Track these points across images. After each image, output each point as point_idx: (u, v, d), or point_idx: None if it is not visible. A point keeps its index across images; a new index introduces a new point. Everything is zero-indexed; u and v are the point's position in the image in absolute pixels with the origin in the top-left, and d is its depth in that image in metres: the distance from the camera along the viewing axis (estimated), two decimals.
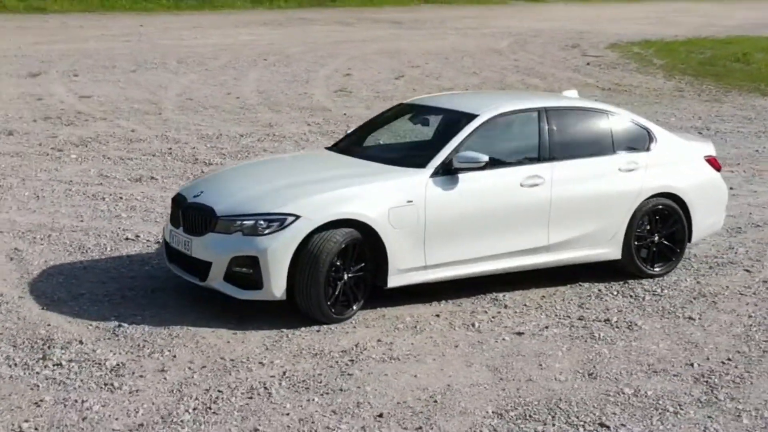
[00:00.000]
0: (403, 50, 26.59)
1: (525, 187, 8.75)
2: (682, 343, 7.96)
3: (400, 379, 7.14)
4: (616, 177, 9.21)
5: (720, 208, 9.95)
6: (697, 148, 9.92)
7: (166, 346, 7.62)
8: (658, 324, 8.37)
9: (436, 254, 8.42)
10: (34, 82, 20.18)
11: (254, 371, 7.23)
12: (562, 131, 9.14)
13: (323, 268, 7.91)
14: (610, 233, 9.20)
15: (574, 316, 8.49)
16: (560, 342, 7.92)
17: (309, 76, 21.98)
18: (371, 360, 7.47)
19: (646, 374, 7.35)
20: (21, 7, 32.45)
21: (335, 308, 8.10)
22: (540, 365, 7.46)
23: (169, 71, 22.02)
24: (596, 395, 6.95)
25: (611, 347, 7.84)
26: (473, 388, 7.02)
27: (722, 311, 8.72)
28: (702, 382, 7.25)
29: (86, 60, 23.14)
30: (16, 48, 24.78)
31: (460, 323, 8.26)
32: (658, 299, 8.99)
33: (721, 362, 7.61)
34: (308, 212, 7.95)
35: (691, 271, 9.82)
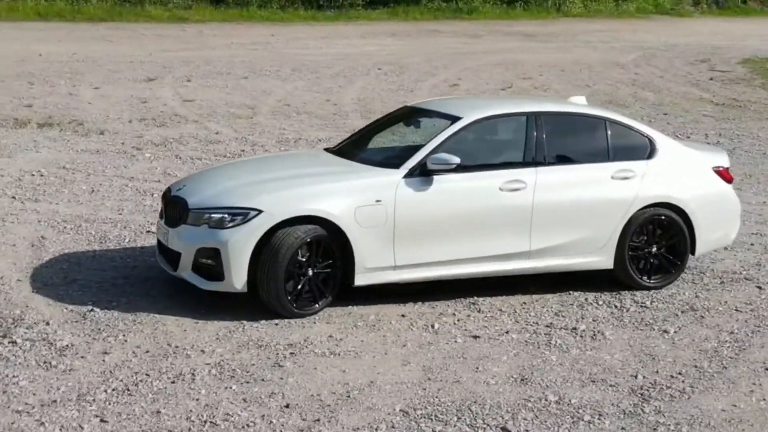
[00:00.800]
0: (522, 62, 26.42)
1: (505, 192, 8.66)
2: (639, 356, 7.74)
3: (327, 374, 7.21)
4: (608, 185, 9.00)
5: (730, 221, 9.58)
6: (706, 158, 9.59)
7: (123, 331, 7.91)
8: (626, 335, 8.16)
9: (406, 255, 8.44)
10: (147, 86, 21.02)
11: (192, 358, 7.43)
12: (553, 137, 9.01)
13: (283, 262, 8.05)
14: (601, 242, 9.00)
15: (542, 323, 8.36)
16: (512, 347, 7.82)
17: (415, 86, 22.11)
18: (312, 354, 7.57)
19: (582, 383, 7.19)
20: (165, 17, 33.82)
21: (297, 303, 8.22)
22: (477, 368, 7.40)
23: (279, 78, 22.56)
24: (515, 400, 6.85)
25: (562, 355, 7.69)
26: (395, 386, 7.03)
27: (704, 326, 8.42)
28: (637, 394, 7.05)
29: (205, 66, 23.93)
30: (146, 55, 25.84)
31: (422, 324, 8.25)
32: (642, 311, 8.75)
33: (670, 376, 7.37)
34: (270, 207, 8.12)
35: (698, 284, 9.50)
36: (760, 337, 8.21)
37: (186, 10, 34.39)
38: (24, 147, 15.08)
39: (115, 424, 6.33)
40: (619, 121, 9.36)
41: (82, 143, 15.54)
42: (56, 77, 21.65)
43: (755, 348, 7.95)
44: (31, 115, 17.58)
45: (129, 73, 22.70)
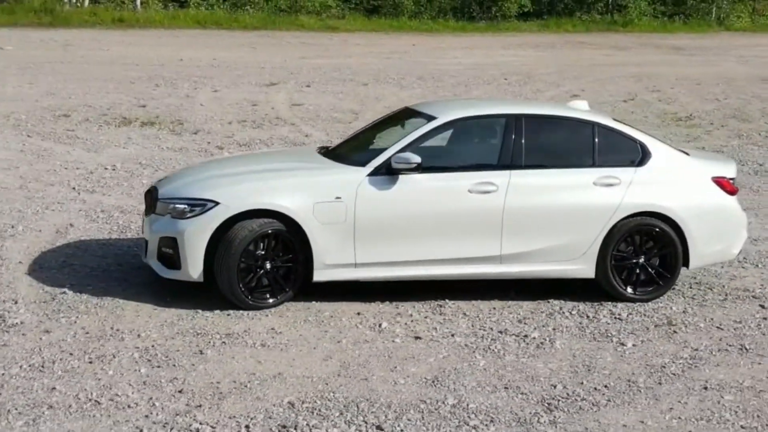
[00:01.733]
0: (659, 75, 25.66)
1: (474, 193, 8.50)
2: (576, 366, 7.45)
3: (241, 364, 7.27)
4: (589, 191, 8.69)
5: (731, 234, 9.07)
6: (705, 168, 9.10)
7: (80, 312, 8.20)
8: (577, 346, 7.86)
9: (367, 253, 8.41)
10: (265, 90, 21.58)
11: (124, 341, 7.63)
12: (534, 140, 8.77)
13: (236, 254, 8.17)
14: (581, 249, 8.69)
15: (498, 329, 8.16)
16: (446, 350, 7.67)
17: (536, 95, 21.87)
18: (241, 345, 7.64)
19: (493, 390, 6.98)
20: (317, 26, 34.58)
21: (252, 295, 8.31)
22: (394, 368, 7.30)
23: (399, 86, 22.72)
24: (411, 401, 6.73)
25: (492, 361, 7.49)
26: (299, 380, 7.02)
27: (670, 342, 8.02)
28: (545, 403, 6.79)
29: (332, 73, 24.35)
30: (281, 61, 26.52)
31: (371, 323, 8.19)
32: (613, 323, 8.41)
33: (594, 388, 7.07)
34: (227, 200, 8.26)
35: (695, 299, 9.06)
36: (724, 356, 7.75)
37: (339, 20, 35.03)
38: (115, 143, 15.76)
39: (6, 396, 6.57)
40: (610, 126, 9.00)
41: (171, 141, 16.11)
42: (183, 80, 22.50)
43: (708, 366, 7.51)
44: (141, 114, 18.35)
45: (255, 78, 23.34)
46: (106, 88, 21.08)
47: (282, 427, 6.29)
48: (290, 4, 35.80)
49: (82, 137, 16.15)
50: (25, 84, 21.34)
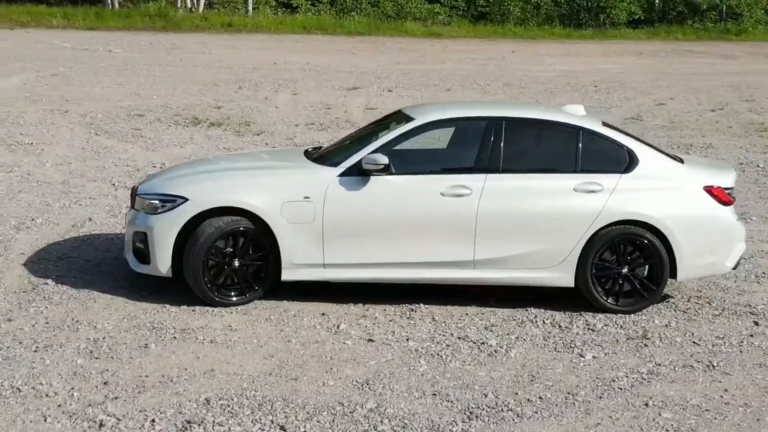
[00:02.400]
0: (759, 84, 24.74)
1: (447, 197, 8.33)
2: (520, 376, 7.22)
3: (178, 359, 7.29)
4: (569, 197, 8.42)
5: (723, 245, 8.64)
6: (697, 176, 8.70)
7: (52, 303, 8.37)
8: (532, 356, 7.62)
9: (336, 254, 8.34)
10: (345, 94, 21.66)
11: (78, 332, 7.75)
12: (514, 143, 8.55)
13: (201, 251, 8.22)
14: (559, 257, 8.43)
15: (459, 335, 7.98)
16: (392, 354, 7.54)
17: (619, 104, 21.36)
18: (190, 340, 7.67)
19: (420, 395, 6.83)
20: (420, 33, 34.57)
21: (220, 292, 8.33)
22: (330, 369, 7.21)
23: (482, 91, 22.51)
24: (329, 402, 6.63)
25: (433, 367, 7.32)
26: (228, 376, 7.00)
27: (635, 356, 7.71)
28: (467, 412, 6.61)
29: (420, 78, 24.28)
30: (374, 66, 26.59)
31: (330, 324, 8.11)
32: (583, 334, 8.13)
33: (527, 399, 6.85)
34: (196, 196, 8.31)
35: (686, 313, 8.70)
36: (685, 372, 7.40)
37: (444, 26, 34.94)
38: (175, 143, 16.06)
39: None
40: (596, 131, 8.69)
41: (231, 142, 16.32)
42: (268, 83, 22.77)
43: (661, 383, 7.18)
44: (213, 115, 18.64)
45: (341, 81, 23.44)
46: (191, 90, 21.47)
47: (187, 422, 6.27)
48: (397, 10, 35.86)
49: (146, 136, 16.48)
50: (114, 85, 21.91)
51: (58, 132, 16.46)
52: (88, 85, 21.59)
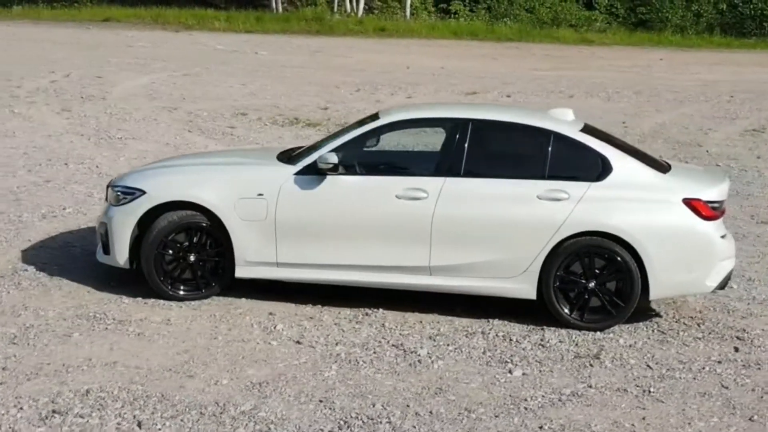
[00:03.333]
0: None
1: (402, 199, 8.03)
2: (425, 389, 6.84)
3: (90, 349, 7.26)
4: (531, 204, 7.95)
5: (702, 263, 7.96)
6: (676, 187, 8.05)
7: (17, 288, 8.53)
8: (456, 369, 7.22)
9: (289, 253, 8.18)
10: (460, 99, 21.39)
11: (19, 318, 7.86)
12: (480, 146, 8.16)
13: (153, 244, 8.23)
14: (519, 267, 7.99)
15: (392, 343, 7.65)
16: (306, 357, 7.31)
17: (749, 115, 20.25)
18: (119, 332, 7.66)
19: (307, 400, 6.59)
20: (572, 39, 33.79)
21: (174, 286, 8.31)
22: (233, 369, 7.05)
23: (606, 99, 21.79)
24: (205, 402, 6.48)
25: (341, 373, 7.05)
26: (126, 369, 6.94)
27: (570, 376, 7.19)
28: (341, 420, 6.33)
29: (547, 84, 23.72)
30: (508, 72, 26.16)
31: (269, 324, 7.91)
32: (530, 350, 7.65)
33: (415, 413, 6.49)
34: (153, 190, 8.33)
35: (665, 334, 8.09)
36: (612, 397, 6.86)
37: (599, 33, 34.02)
38: (258, 141, 16.26)
39: None
40: (569, 136, 8.17)
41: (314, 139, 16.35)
42: (388, 86, 22.73)
43: (576, 406, 6.68)
44: (316, 116, 18.76)
45: (463, 86, 23.17)
46: (309, 91, 21.67)
47: (52, 412, 6.25)
48: (552, 16, 35.16)
49: (236, 135, 16.72)
50: (237, 85, 22.34)
51: (154, 128, 16.90)
52: (213, 85, 22.10)
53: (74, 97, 19.79)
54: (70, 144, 15.37)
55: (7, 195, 11.81)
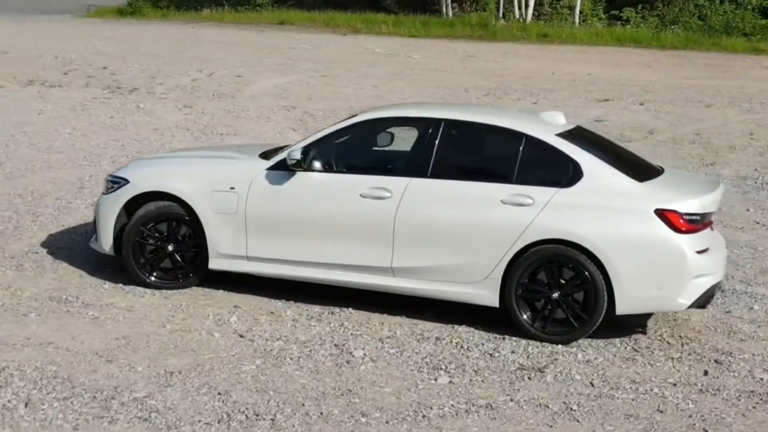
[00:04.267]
0: None
1: (367, 198, 7.91)
2: (333, 389, 6.68)
3: (37, 329, 7.49)
4: (495, 209, 7.66)
5: (673, 278, 7.45)
6: (649, 197, 7.56)
7: (13, 269, 8.89)
8: (381, 372, 7.03)
9: (258, 247, 8.20)
10: (589, 106, 20.86)
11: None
12: (449, 147, 7.94)
13: (130, 232, 8.43)
14: (482, 273, 7.73)
15: (334, 342, 7.51)
16: (237, 350, 7.30)
17: None
18: (78, 315, 7.84)
19: (203, 391, 6.58)
20: (741, 48, 32.22)
21: (152, 274, 8.47)
22: (156, 357, 7.10)
23: (743, 110, 20.73)
24: (99, 386, 6.55)
25: (261, 368, 6.99)
26: (54, 350, 7.08)
27: (497, 388, 6.88)
28: (226, 413, 6.27)
29: (690, 94, 22.63)
30: (655, 80, 25.32)
31: (224, 317, 7.90)
32: (472, 359, 7.35)
33: (305, 413, 6.37)
34: (135, 180, 8.54)
35: (638, 352, 7.61)
36: (522, 411, 6.51)
37: None
38: None
39: None
40: (542, 140, 7.81)
41: None
42: (520, 92, 22.42)
43: (474, 418, 6.38)
44: None
45: (599, 93, 22.58)
46: (435, 94, 21.59)
47: None
48: (724, 24, 33.67)
49: None
50: (369, 87, 22.55)
51: (261, 126, 17.30)
52: (344, 86, 22.37)
53: (206, 95, 20.44)
54: (171, 138, 15.89)
55: (75, 183, 12.31)
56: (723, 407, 6.62)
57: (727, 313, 8.40)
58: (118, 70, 23.51)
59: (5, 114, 17.01)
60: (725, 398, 6.76)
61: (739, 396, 6.79)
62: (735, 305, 8.58)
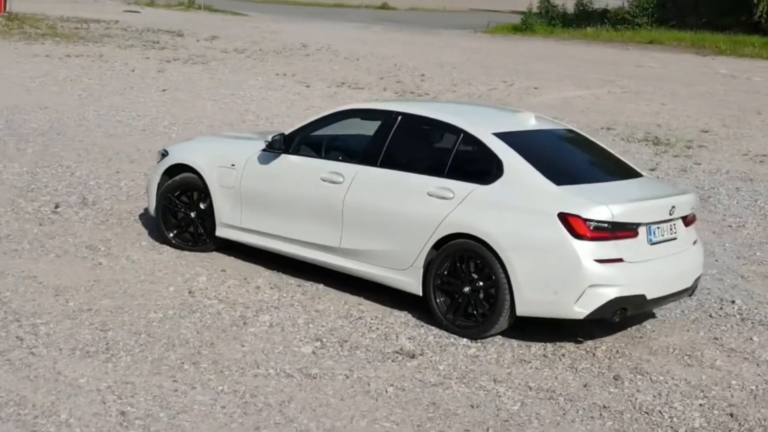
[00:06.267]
0: None
1: (325, 182, 8.57)
2: (204, 342, 7.35)
3: (20, 263, 8.77)
4: (419, 200, 7.96)
5: (567, 285, 7.32)
6: (556, 200, 7.43)
7: (29, 222, 10.05)
8: (263, 334, 7.62)
9: (248, 220, 9.08)
10: None
11: (35, 242, 9.51)
12: (402, 139, 8.37)
13: (161, 198, 9.68)
14: (407, 262, 8.10)
15: (264, 309, 8.18)
16: (176, 302, 8.11)
17: None
18: (81, 258, 9.00)
19: (98, 324, 7.57)
20: None
21: (176, 235, 9.66)
22: (120, 309, 7.91)
23: None
24: (56, 338, 7.33)
25: (171, 314, 7.85)
26: (36, 288, 8.12)
27: (343, 362, 7.26)
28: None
29: None
30: None
31: (195, 278, 8.74)
32: (370, 337, 7.72)
33: (137, 346, 7.21)
34: (173, 153, 9.79)
35: (548, 358, 7.56)
36: (319, 380, 6.87)
37: None
38: None
39: None
40: (476, 137, 7.98)
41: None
42: None
43: (276, 380, 6.91)
44: (687, 135, 18.27)
45: None
46: (716, 113, 20.91)
47: None
48: None
49: None
50: (656, 104, 22.20)
51: None
52: (634, 102, 22.27)
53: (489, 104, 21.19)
54: None
55: None
56: (545, 413, 6.61)
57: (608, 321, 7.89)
58: (432, 77, 24.72)
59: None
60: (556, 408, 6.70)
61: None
62: None
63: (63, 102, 17.73)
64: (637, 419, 6.64)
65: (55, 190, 11.58)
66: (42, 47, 26.11)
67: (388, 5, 57.02)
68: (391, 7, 57.11)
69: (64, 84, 19.97)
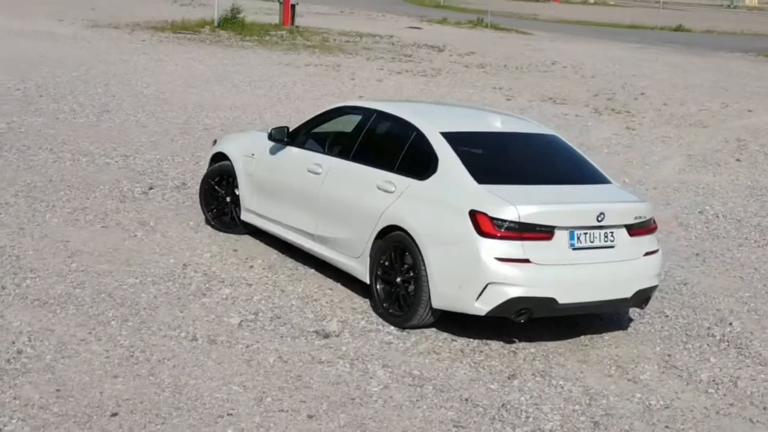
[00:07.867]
0: None
1: (309, 173, 9.22)
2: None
3: (74, 233, 10.03)
4: (369, 192, 8.38)
5: (470, 281, 7.52)
6: (476, 198, 7.63)
7: (69, 199, 11.09)
8: (210, 305, 8.34)
9: (260, 206, 9.85)
10: None
11: (90, 214, 10.67)
12: (373, 135, 8.88)
13: (203, 182, 10.70)
14: (359, 250, 8.56)
15: (239, 285, 9.01)
16: (160, 271, 9.06)
17: None
18: (126, 231, 10.09)
19: (75, 283, 8.66)
20: None
21: (215, 217, 10.57)
22: (98, 259, 9.21)
23: None
24: (25, 267, 8.92)
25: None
26: (49, 243, 9.48)
27: (259, 336, 7.85)
28: (65, 288, 8.24)
29: None
30: None
31: (197, 255, 9.54)
32: (304, 317, 8.27)
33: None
34: (218, 142, 10.84)
35: (463, 353, 7.77)
36: (230, 349, 7.50)
37: None
38: None
39: None
40: (423, 134, 8.33)
41: None
42: None
43: (188, 342, 7.62)
44: None
45: None
46: None
47: None
48: None
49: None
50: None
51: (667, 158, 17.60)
52: None
53: (686, 123, 20.78)
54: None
55: None
56: (399, 396, 6.86)
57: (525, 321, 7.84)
58: (652, 96, 24.10)
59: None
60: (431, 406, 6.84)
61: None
62: None
63: (252, 103, 19.05)
64: (485, 413, 6.72)
65: (165, 175, 12.73)
66: (292, 56, 27.28)
67: (683, 27, 55.46)
68: (686, 29, 55.46)
69: (270, 88, 21.20)
